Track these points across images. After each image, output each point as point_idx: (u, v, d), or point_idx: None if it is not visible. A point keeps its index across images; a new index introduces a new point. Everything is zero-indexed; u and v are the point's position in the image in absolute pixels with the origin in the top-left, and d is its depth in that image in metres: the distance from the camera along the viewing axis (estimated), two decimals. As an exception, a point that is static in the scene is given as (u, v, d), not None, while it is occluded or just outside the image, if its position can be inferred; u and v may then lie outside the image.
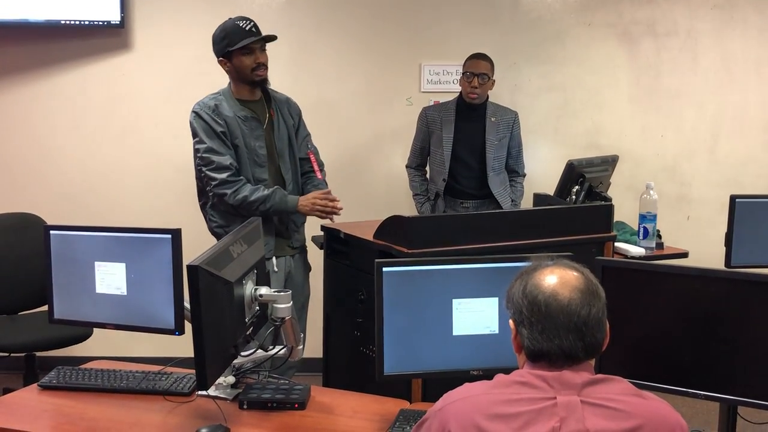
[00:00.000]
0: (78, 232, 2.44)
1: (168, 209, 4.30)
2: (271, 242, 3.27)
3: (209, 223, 3.33)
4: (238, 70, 3.22)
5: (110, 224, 2.55)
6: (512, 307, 1.57)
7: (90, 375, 2.37)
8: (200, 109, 3.21)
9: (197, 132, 3.21)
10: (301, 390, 2.25)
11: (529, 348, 1.52)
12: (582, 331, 1.49)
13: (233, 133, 3.20)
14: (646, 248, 3.65)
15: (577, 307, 1.49)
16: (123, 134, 4.36)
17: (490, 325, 2.17)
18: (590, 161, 3.83)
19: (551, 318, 1.49)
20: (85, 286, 2.40)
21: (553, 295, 1.50)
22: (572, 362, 1.49)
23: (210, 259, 1.95)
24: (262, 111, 3.32)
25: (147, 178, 4.38)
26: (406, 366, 2.17)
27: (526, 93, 4.52)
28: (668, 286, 2.12)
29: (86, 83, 4.31)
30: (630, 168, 4.29)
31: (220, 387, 2.28)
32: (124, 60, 4.31)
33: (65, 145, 4.35)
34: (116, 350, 4.15)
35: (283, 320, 2.21)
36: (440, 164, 4.09)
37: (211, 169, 3.19)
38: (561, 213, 3.33)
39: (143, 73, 4.32)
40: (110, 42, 4.28)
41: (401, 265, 2.17)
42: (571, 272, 1.54)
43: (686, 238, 4.01)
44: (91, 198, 4.35)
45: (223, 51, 3.22)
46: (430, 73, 4.47)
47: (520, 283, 1.56)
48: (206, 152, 3.18)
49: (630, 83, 4.54)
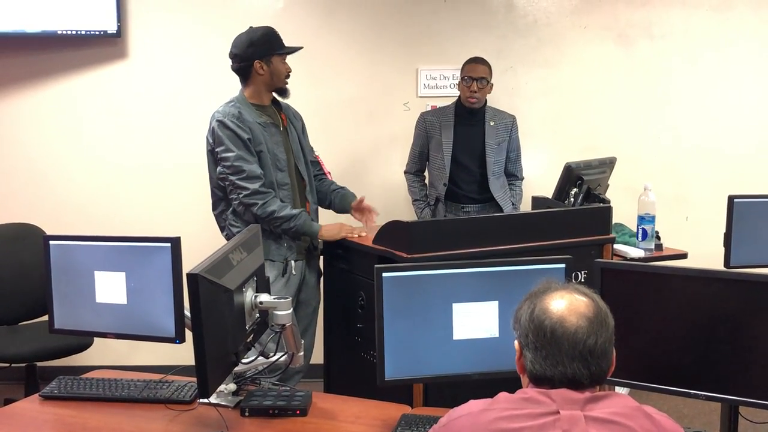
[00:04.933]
0: (77, 242, 2.44)
1: (167, 218, 4.30)
2: (294, 246, 3.30)
3: (229, 230, 3.32)
4: (274, 74, 3.27)
5: (110, 233, 2.56)
6: (518, 330, 1.55)
7: (91, 384, 2.37)
8: (224, 117, 3.21)
9: (222, 140, 3.20)
10: (303, 396, 2.25)
11: (532, 372, 1.50)
12: (587, 360, 1.47)
13: (257, 140, 3.22)
14: (645, 250, 3.66)
15: (584, 335, 1.47)
16: (121, 143, 4.35)
17: (491, 328, 2.17)
18: (588, 163, 3.83)
19: (556, 344, 1.47)
20: (85, 296, 2.40)
21: (560, 322, 1.48)
22: (576, 387, 1.48)
23: (210, 267, 1.95)
24: (276, 116, 3.36)
25: (146, 187, 4.38)
26: (407, 371, 2.17)
27: (523, 96, 4.52)
28: (668, 288, 2.12)
29: (83, 93, 4.31)
30: (628, 169, 4.29)
31: (221, 395, 2.28)
32: (121, 69, 4.31)
33: (64, 155, 4.35)
34: (117, 359, 4.16)
35: (284, 327, 2.21)
36: (440, 169, 4.10)
37: (241, 179, 3.19)
38: (560, 216, 3.34)
39: (140, 82, 4.33)
40: (107, 51, 4.28)
41: (401, 270, 2.17)
42: (580, 298, 1.52)
43: (685, 239, 4.00)
44: (90, 208, 4.35)
45: (265, 53, 3.25)
46: (427, 77, 4.48)
47: (528, 306, 1.54)
48: (236, 161, 3.18)
49: (627, 85, 4.55)
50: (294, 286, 3.33)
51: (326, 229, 3.31)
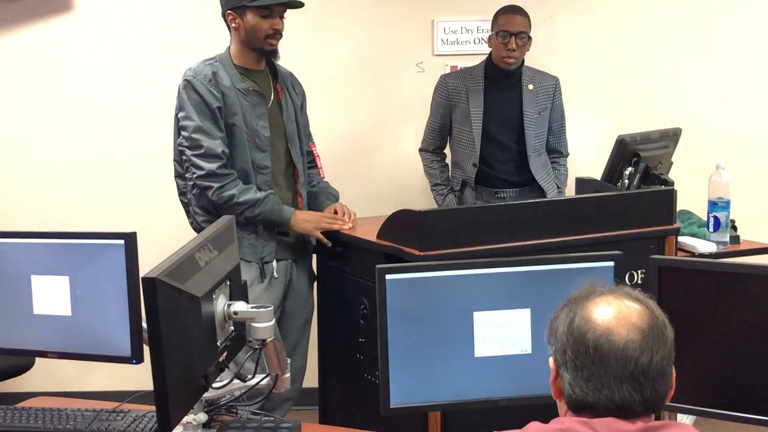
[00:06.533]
0: (9, 240, 2.45)
1: (123, 210, 4.31)
2: (272, 243, 3.30)
3: (193, 217, 3.35)
4: (250, 31, 3.26)
5: (53, 229, 2.55)
6: (554, 344, 1.55)
7: (28, 415, 2.36)
8: (194, 77, 3.24)
9: (185, 105, 3.23)
10: (289, 428, 2.26)
11: (571, 397, 1.49)
12: (640, 382, 1.46)
13: (230, 109, 3.24)
14: (718, 243, 3.65)
15: (636, 351, 1.46)
16: (68, 117, 4.35)
17: (521, 343, 2.17)
18: (646, 136, 3.82)
19: (601, 363, 1.46)
20: (20, 306, 2.41)
21: (605, 335, 1.47)
22: (625, 416, 1.47)
23: (171, 269, 1.94)
24: (266, 85, 3.37)
25: (97, 172, 4.38)
26: (418, 396, 2.17)
27: (565, 53, 4.51)
28: (743, 291, 2.11)
29: (20, 53, 4.31)
30: (696, 143, 4.28)
31: (189, 427, 2.28)
32: (66, 24, 4.30)
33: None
34: (65, 384, 4.18)
35: (264, 343, 2.20)
36: (468, 145, 4.08)
37: (197, 155, 3.22)
38: (611, 201, 3.34)
39: (87, 39, 4.31)
40: (49, 2, 4.28)
41: (409, 271, 2.18)
42: (631, 305, 1.51)
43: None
44: (30, 198, 4.36)
45: (237, 3, 3.25)
46: (445, 31, 4.47)
47: (567, 315, 1.53)
48: (195, 132, 3.21)
49: (694, 37, 4.53)
50: (278, 292, 3.34)
51: (300, 217, 3.31)
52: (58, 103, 4.36)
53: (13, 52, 4.32)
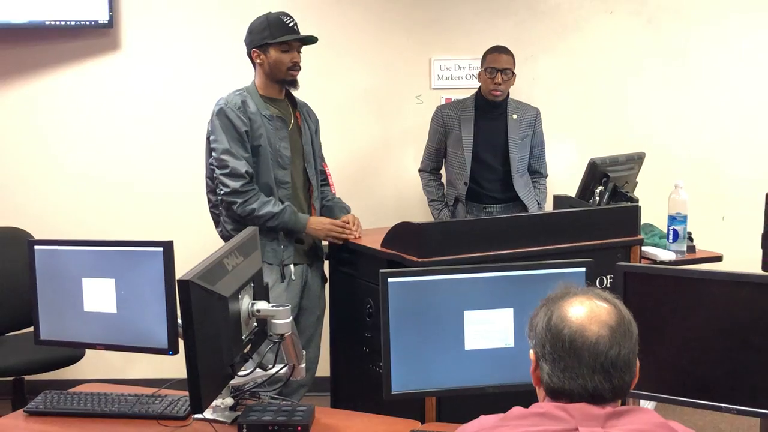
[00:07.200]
0: (64, 247, 2.46)
1: (161, 220, 4.32)
2: (291, 248, 3.31)
3: (223, 226, 3.36)
4: (273, 65, 3.29)
5: (102, 237, 2.57)
6: (534, 338, 1.54)
7: (79, 399, 2.38)
8: (226, 105, 3.26)
9: (215, 129, 3.25)
10: (305, 411, 2.25)
11: (549, 385, 1.49)
12: (610, 372, 1.45)
13: (256, 132, 3.25)
14: (677, 252, 3.64)
15: (606, 346, 1.45)
16: (113, 140, 4.37)
17: (505, 338, 2.17)
18: (614, 159, 3.81)
19: (575, 356, 1.46)
20: (73, 305, 2.42)
21: (579, 331, 1.46)
22: (596, 402, 1.46)
23: (202, 272, 1.95)
24: (287, 112, 3.39)
25: (140, 187, 4.39)
26: (416, 384, 2.18)
27: (545, 87, 4.51)
28: (698, 293, 2.11)
29: (73, 87, 4.33)
30: (658, 165, 4.27)
31: (217, 409, 2.29)
32: (113, 62, 4.33)
33: (53, 154, 4.36)
34: (111, 372, 4.18)
35: (283, 337, 2.21)
36: (460, 167, 4.09)
37: (224, 174, 3.23)
38: (584, 216, 3.33)
39: (134, 76, 4.34)
40: (98, 43, 4.30)
41: (408, 275, 2.18)
42: (601, 304, 1.51)
43: (721, 241, 3.98)
44: (81, 210, 4.37)
45: (260, 42, 3.28)
46: (440, 68, 4.48)
47: (545, 313, 1.52)
48: (223, 153, 3.22)
49: (656, 75, 4.53)
50: (295, 292, 3.34)
51: (314, 223, 3.32)
52: (109, 130, 4.36)
53: (70, 84, 4.34)
